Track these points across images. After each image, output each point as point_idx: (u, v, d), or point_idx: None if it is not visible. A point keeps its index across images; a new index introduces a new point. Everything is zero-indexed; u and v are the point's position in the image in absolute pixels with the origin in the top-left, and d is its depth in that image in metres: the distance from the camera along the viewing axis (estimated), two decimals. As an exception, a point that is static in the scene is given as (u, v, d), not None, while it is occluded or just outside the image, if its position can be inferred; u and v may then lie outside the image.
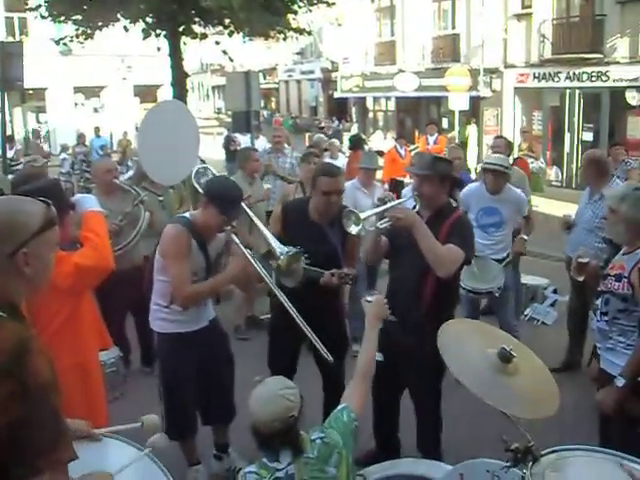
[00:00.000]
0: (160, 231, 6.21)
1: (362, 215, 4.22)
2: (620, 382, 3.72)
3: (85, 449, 2.50)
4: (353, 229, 4.25)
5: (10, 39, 24.15)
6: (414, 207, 4.45)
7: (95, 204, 3.94)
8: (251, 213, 4.75)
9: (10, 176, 10.28)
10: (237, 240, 4.31)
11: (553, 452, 2.95)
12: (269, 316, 5.63)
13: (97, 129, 22.67)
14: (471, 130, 23.71)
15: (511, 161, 8.36)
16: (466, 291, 6.31)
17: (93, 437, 2.81)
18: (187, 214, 4.55)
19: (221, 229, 4.33)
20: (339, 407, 3.05)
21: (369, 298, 3.48)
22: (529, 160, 12.43)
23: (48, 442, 1.91)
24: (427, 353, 4.26)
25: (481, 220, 6.67)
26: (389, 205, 4.33)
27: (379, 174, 9.32)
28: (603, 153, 7.39)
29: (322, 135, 16.59)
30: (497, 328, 3.87)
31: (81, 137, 20.48)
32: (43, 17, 15.58)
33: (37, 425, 1.89)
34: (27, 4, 16.09)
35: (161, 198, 7.12)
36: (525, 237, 6.79)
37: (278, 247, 4.38)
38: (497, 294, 6.41)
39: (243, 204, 4.59)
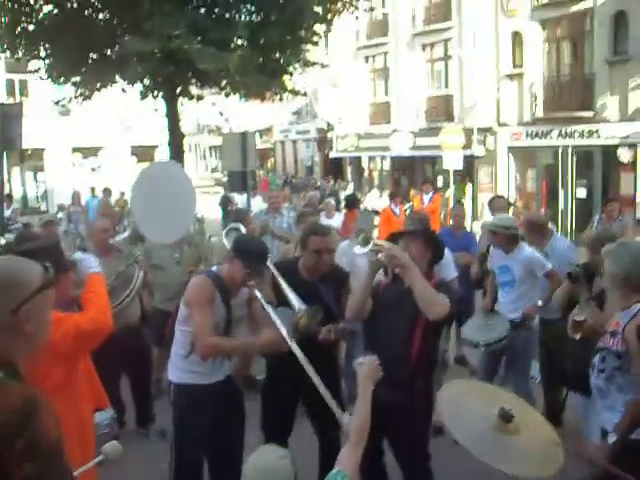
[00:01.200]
0: (172, 285, 6.78)
1: (374, 238, 4.29)
2: (612, 438, 3.68)
3: None
4: (359, 249, 4.30)
5: (10, 100, 24.46)
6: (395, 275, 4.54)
7: (96, 264, 3.95)
8: (275, 270, 4.77)
9: (7, 235, 10.29)
10: (259, 295, 4.40)
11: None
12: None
13: (93, 189, 22.76)
14: (466, 189, 23.90)
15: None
16: (474, 346, 6.42)
17: None
18: (214, 268, 4.69)
19: (245, 283, 4.42)
20: (333, 471, 2.99)
21: (361, 360, 3.45)
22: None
23: None
24: (415, 410, 4.26)
25: (498, 278, 6.65)
26: (390, 244, 4.41)
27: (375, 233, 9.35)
28: (538, 214, 7.44)
29: (316, 193, 16.72)
30: (500, 388, 3.83)
31: (75, 195, 20.52)
32: (42, 79, 15.83)
33: None
34: (27, 66, 16.37)
35: (177, 255, 7.25)
36: (539, 303, 6.44)
37: (298, 304, 4.40)
38: (489, 347, 6.31)
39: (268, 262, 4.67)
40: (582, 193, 21.46)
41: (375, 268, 4.40)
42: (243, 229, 5.94)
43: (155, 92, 15.17)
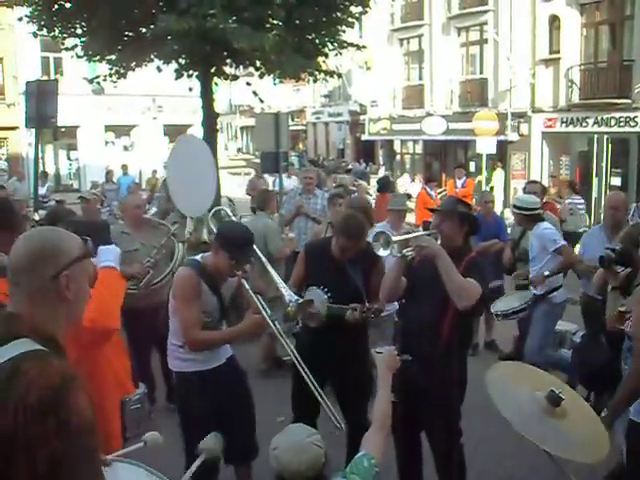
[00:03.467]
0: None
1: (394, 238, 4.24)
2: (604, 412, 3.74)
3: None
4: (382, 252, 4.27)
5: (45, 78, 24.65)
6: None
7: (115, 257, 3.56)
8: (264, 258, 4.76)
9: (41, 212, 10.42)
10: (247, 286, 4.33)
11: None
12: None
13: (124, 167, 22.89)
14: (498, 174, 23.67)
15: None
16: (495, 315, 7.03)
17: (103, 463, 2.71)
18: (198, 256, 4.56)
19: (231, 273, 4.33)
20: (359, 454, 3.00)
21: (379, 349, 3.47)
22: (558, 206, 12.44)
23: None
24: (444, 390, 4.27)
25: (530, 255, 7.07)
26: (416, 234, 4.50)
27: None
28: None
29: (351, 176, 16.66)
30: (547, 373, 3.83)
31: (109, 174, 20.66)
32: (79, 57, 15.88)
33: (75, 464, 1.87)
34: (64, 44, 16.42)
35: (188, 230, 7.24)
36: (546, 272, 6.72)
37: (288, 295, 4.39)
38: (506, 318, 6.94)
39: (255, 248, 4.63)
40: (616, 181, 21.18)
41: (402, 264, 4.40)
42: (229, 212, 5.84)
43: (190, 71, 15.17)
